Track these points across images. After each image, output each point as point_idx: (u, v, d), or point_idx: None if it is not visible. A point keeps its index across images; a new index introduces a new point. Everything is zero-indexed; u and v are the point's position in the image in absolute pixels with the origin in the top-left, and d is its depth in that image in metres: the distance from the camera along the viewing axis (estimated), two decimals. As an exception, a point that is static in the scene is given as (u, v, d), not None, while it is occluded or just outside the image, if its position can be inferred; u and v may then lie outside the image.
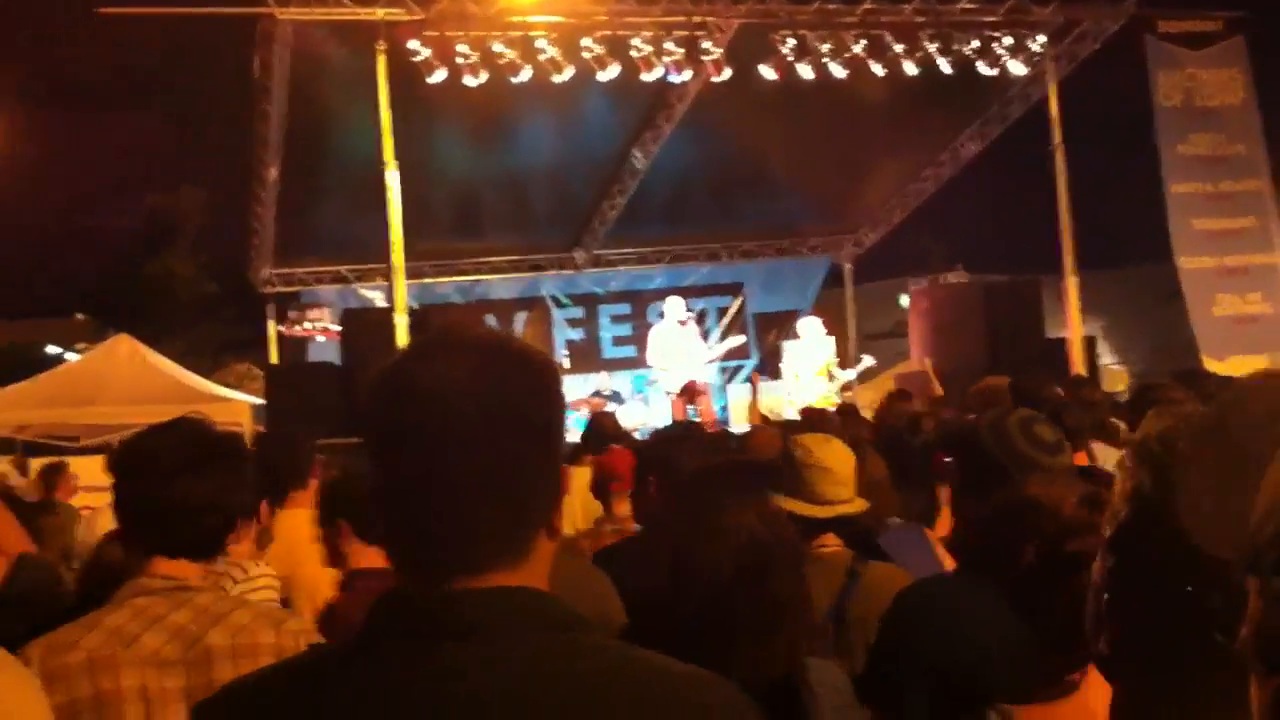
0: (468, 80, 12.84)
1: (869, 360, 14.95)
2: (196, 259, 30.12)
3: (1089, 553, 1.66)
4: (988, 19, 14.03)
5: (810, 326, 14.93)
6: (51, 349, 27.40)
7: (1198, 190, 15.74)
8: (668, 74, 13.66)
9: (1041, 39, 14.31)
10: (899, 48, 13.70)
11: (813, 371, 14.36)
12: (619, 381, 16.31)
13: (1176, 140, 15.67)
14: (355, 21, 12.39)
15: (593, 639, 1.26)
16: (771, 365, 16.04)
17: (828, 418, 7.41)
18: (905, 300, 18.78)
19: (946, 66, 13.91)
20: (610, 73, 13.23)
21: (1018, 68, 14.47)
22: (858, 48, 13.60)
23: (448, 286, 18.08)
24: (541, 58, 12.93)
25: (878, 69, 13.77)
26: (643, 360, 15.65)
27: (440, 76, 12.79)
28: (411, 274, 14.27)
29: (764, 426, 7.57)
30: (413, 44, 12.58)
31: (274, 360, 17.46)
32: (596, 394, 15.37)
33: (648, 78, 13.55)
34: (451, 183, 15.70)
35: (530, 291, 18.48)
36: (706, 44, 13.41)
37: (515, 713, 1.18)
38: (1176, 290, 16.03)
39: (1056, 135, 15.18)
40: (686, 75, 13.85)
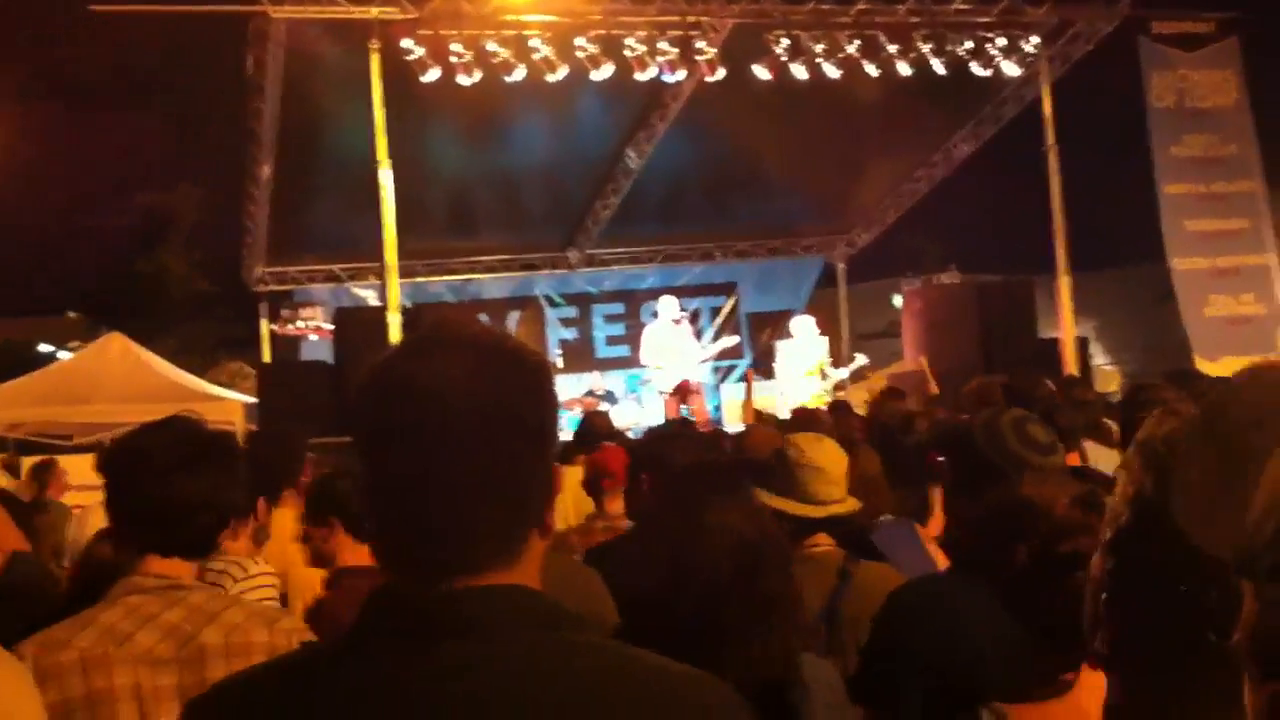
0: (461, 79, 12.84)
1: (862, 359, 14.95)
2: (190, 257, 29.99)
3: (1082, 553, 1.67)
4: (982, 20, 14.06)
5: (803, 326, 14.93)
6: (44, 347, 27.26)
7: (1191, 191, 15.77)
8: (662, 74, 13.65)
9: (1035, 40, 14.34)
10: (893, 48, 13.72)
11: (805, 371, 14.36)
12: (612, 381, 16.31)
13: (1170, 141, 15.70)
14: (349, 20, 12.38)
15: (589, 638, 1.26)
16: (765, 365, 16.04)
17: (819, 417, 7.40)
18: (898, 300, 18.76)
19: (940, 67, 13.94)
20: (604, 72, 13.23)
21: (1011, 68, 14.50)
22: (851, 48, 13.61)
23: (441, 285, 18.07)
24: (535, 57, 12.92)
25: (871, 69, 13.79)
26: (636, 360, 15.60)
27: (434, 75, 12.78)
28: (405, 273, 14.25)
29: (760, 425, 7.58)
30: (406, 42, 12.58)
31: (267, 359, 17.41)
32: (590, 393, 15.37)
33: (642, 77, 13.54)
34: (445, 182, 15.68)
35: (524, 291, 18.45)
36: (700, 44, 13.41)
37: (514, 711, 1.18)
38: (1169, 291, 16.06)
39: (1050, 136, 15.24)
40: (680, 75, 13.85)
